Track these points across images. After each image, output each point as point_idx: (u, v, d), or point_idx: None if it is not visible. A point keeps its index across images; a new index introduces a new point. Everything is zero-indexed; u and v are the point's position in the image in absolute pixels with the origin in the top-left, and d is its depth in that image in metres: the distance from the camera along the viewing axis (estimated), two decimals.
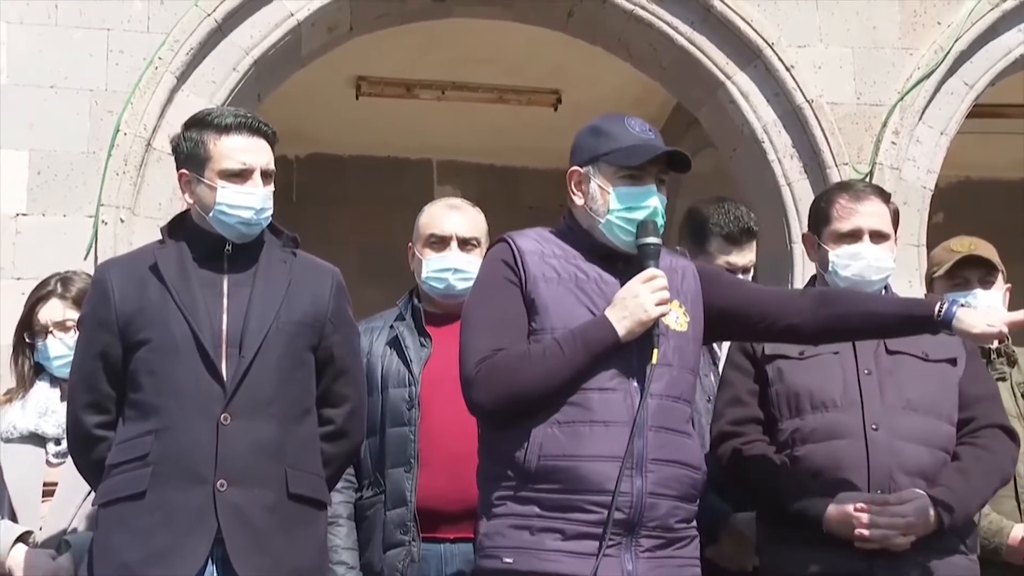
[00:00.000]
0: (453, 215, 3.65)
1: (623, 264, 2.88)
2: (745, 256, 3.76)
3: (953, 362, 3.32)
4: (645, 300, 2.79)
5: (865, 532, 3.03)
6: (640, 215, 2.86)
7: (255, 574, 2.85)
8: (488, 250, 3.03)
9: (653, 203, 2.87)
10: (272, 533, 2.89)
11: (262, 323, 2.97)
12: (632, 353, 2.79)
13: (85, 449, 3.06)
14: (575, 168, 2.97)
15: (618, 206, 2.87)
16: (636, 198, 2.87)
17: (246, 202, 3.01)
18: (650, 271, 2.83)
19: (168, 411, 2.91)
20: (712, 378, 3.62)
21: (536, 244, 2.91)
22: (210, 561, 2.85)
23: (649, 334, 2.79)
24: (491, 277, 2.91)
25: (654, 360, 2.78)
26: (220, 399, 2.91)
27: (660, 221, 2.89)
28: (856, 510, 3.04)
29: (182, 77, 5.74)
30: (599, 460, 2.72)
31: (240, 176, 3.02)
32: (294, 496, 2.94)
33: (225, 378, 2.92)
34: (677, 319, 2.90)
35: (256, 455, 2.90)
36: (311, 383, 3.06)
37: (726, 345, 3.61)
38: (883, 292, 3.42)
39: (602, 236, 2.91)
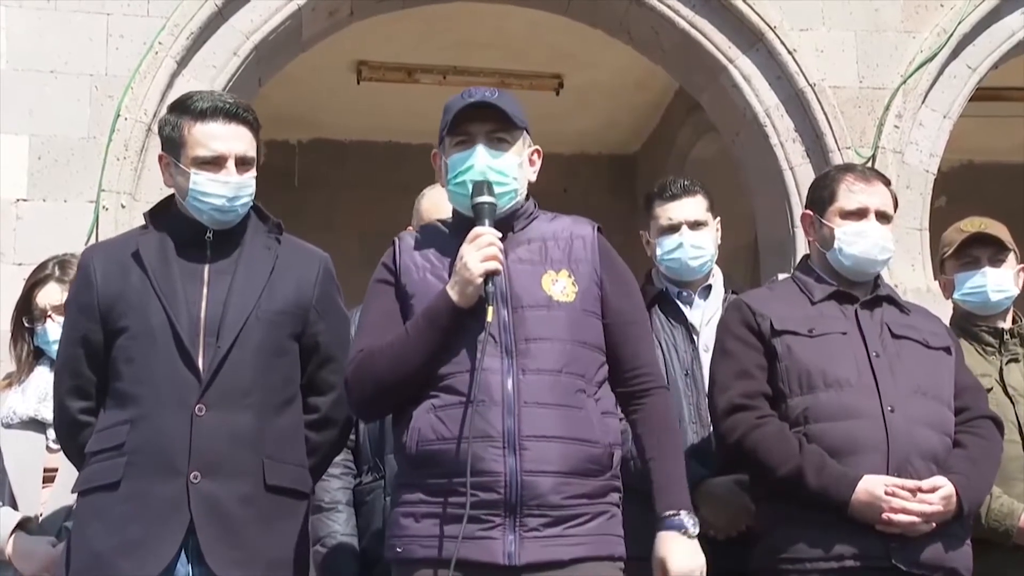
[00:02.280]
0: None
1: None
2: (684, 209, 3.74)
3: (948, 350, 3.33)
4: (469, 260, 2.74)
5: (895, 518, 3.03)
6: (467, 177, 2.83)
7: (228, 566, 2.82)
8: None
9: (473, 162, 2.82)
10: (247, 525, 2.85)
11: (240, 312, 2.93)
12: (502, 331, 2.75)
13: (70, 434, 3.04)
14: (434, 150, 2.97)
15: (451, 173, 2.87)
16: (461, 162, 2.85)
17: (218, 190, 2.96)
18: (475, 230, 2.78)
19: (144, 400, 2.88)
20: (688, 352, 3.60)
21: (417, 237, 2.93)
22: (184, 552, 2.83)
23: (484, 293, 2.73)
24: (371, 282, 2.93)
25: (489, 317, 2.72)
26: (195, 389, 2.87)
27: (499, 179, 2.84)
28: (887, 494, 3.04)
29: (182, 62, 5.73)
30: (472, 441, 2.68)
31: (213, 163, 2.97)
32: (272, 487, 2.91)
33: (201, 368, 2.88)
34: (563, 289, 2.83)
35: (231, 446, 2.86)
36: (294, 372, 3.03)
37: (707, 318, 3.60)
38: (881, 276, 3.42)
39: (458, 210, 2.91)
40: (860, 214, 3.33)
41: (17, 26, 5.63)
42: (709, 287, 3.78)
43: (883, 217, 3.35)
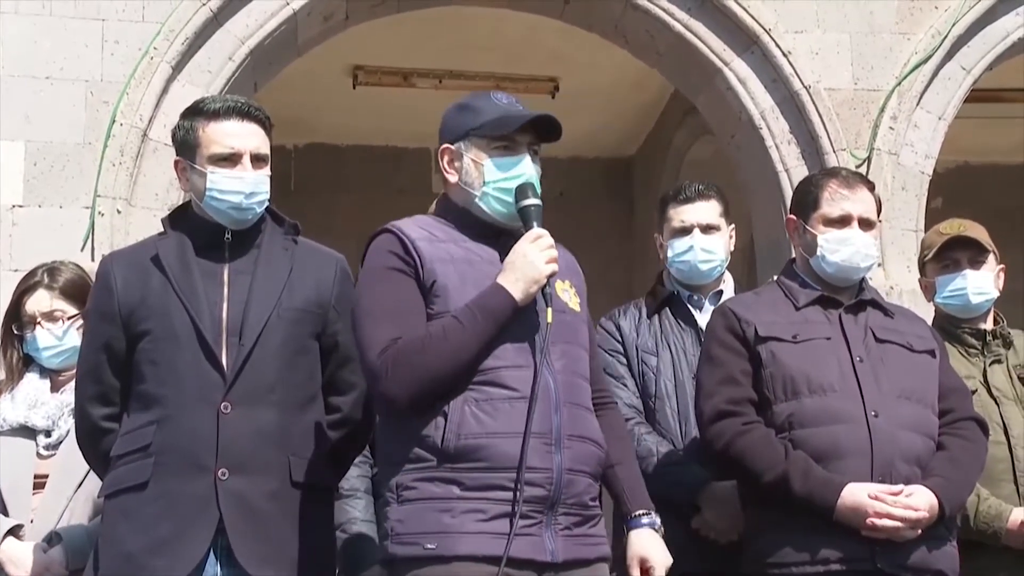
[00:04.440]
0: None
1: (505, 239, 2.86)
2: (696, 212, 3.75)
3: (932, 353, 3.34)
4: (535, 258, 2.77)
5: (879, 523, 3.04)
6: (515, 183, 2.85)
7: (257, 562, 2.85)
8: (371, 241, 2.93)
9: (526, 170, 2.86)
10: (275, 521, 2.89)
11: (262, 310, 2.96)
12: (537, 331, 2.78)
13: (93, 441, 3.06)
14: (446, 146, 2.94)
15: (493, 176, 2.86)
16: (509, 166, 2.86)
17: (235, 186, 3.00)
18: (536, 231, 2.81)
19: (169, 401, 2.91)
20: (697, 356, 3.60)
21: (422, 231, 2.88)
22: (212, 551, 2.85)
23: (544, 295, 2.78)
24: (379, 267, 2.84)
25: (549, 318, 2.76)
26: (220, 387, 2.90)
27: (537, 188, 2.88)
28: (871, 498, 3.04)
29: (177, 67, 5.73)
30: (520, 437, 2.69)
31: (229, 160, 3.01)
32: (297, 484, 2.94)
33: (225, 366, 2.91)
34: (570, 298, 2.90)
35: (257, 443, 2.90)
36: (315, 370, 3.05)
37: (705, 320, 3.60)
38: (866, 279, 3.43)
39: (479, 211, 2.89)
40: (843, 221, 3.33)
41: (12, 32, 5.63)
42: (720, 292, 3.79)
43: (866, 224, 3.35)
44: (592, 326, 3.07)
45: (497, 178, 2.85)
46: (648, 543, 2.91)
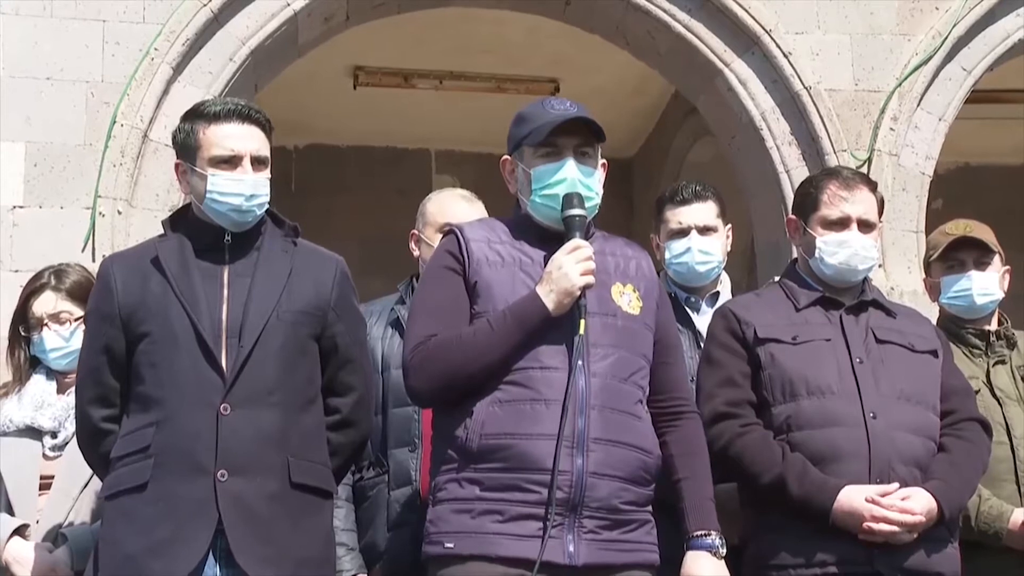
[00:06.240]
0: (465, 205, 3.68)
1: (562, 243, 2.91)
2: (694, 213, 3.75)
3: (935, 353, 3.34)
4: (569, 270, 2.81)
5: (875, 527, 3.03)
6: (557, 190, 2.90)
7: (257, 564, 2.85)
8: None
9: (566, 175, 2.89)
10: (275, 523, 2.89)
11: (262, 312, 2.97)
12: (576, 333, 2.80)
13: (93, 443, 3.07)
14: (505, 157, 3.02)
15: (536, 185, 2.92)
16: (550, 174, 2.91)
17: (235, 188, 3.01)
18: (574, 242, 2.85)
19: (169, 402, 2.91)
20: (695, 358, 3.59)
21: (484, 232, 2.95)
22: (211, 552, 2.85)
23: (578, 306, 2.81)
24: (433, 267, 2.96)
25: (582, 331, 2.79)
26: (220, 389, 2.91)
27: (588, 193, 2.92)
28: (868, 502, 3.04)
29: (178, 68, 5.73)
30: (540, 438, 2.73)
31: (229, 163, 3.03)
32: (297, 485, 2.94)
33: (225, 368, 2.92)
34: (630, 302, 2.92)
35: (257, 444, 2.90)
36: (315, 372, 3.06)
37: (705, 323, 3.60)
38: (868, 280, 3.43)
39: (534, 217, 2.95)
40: (842, 224, 3.34)
41: (13, 33, 5.63)
42: (717, 294, 3.79)
43: (865, 226, 3.35)
44: (673, 333, 3.07)
45: (540, 186, 2.91)
46: (702, 566, 2.87)
